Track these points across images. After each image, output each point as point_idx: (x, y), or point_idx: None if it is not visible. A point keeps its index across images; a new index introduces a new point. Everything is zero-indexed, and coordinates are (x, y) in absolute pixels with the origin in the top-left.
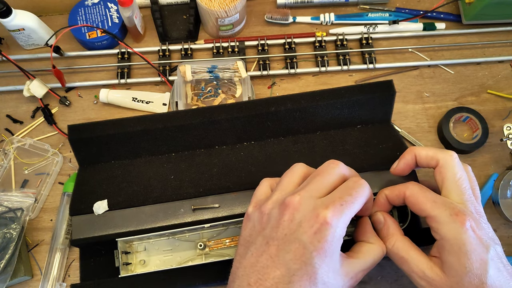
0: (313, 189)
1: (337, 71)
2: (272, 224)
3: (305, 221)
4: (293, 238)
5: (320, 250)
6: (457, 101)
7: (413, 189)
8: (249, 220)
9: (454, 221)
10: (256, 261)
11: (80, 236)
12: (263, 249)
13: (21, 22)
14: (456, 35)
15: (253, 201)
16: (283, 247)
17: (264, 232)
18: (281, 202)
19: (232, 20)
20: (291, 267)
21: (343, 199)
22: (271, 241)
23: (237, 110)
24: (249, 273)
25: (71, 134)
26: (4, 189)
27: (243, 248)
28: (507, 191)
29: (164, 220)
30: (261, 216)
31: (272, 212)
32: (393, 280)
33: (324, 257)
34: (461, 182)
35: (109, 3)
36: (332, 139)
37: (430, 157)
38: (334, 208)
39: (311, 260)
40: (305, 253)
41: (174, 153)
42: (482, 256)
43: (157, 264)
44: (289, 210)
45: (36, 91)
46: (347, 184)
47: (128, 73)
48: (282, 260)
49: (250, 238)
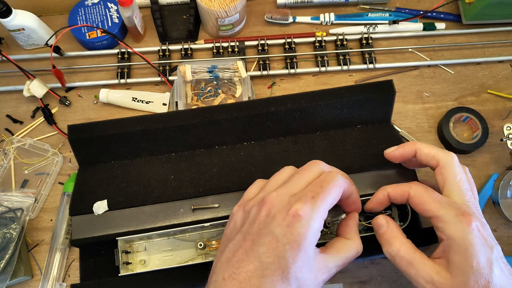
0: (290, 186)
1: (337, 71)
2: (250, 220)
3: (279, 215)
4: (267, 232)
5: (293, 242)
6: (457, 101)
7: (417, 189)
8: (232, 219)
9: (461, 221)
10: (232, 256)
11: (80, 236)
12: (240, 244)
13: (21, 22)
14: (456, 35)
15: (240, 201)
16: (257, 240)
17: (242, 228)
18: (260, 200)
19: (232, 20)
20: (264, 261)
21: (314, 191)
22: (248, 235)
23: (237, 110)
24: (225, 267)
25: (71, 134)
26: (4, 189)
27: (223, 245)
28: (507, 191)
29: (164, 220)
30: (243, 214)
31: (252, 209)
32: (393, 280)
33: (298, 251)
34: (462, 183)
35: (109, 3)
36: (332, 139)
37: (431, 156)
38: (305, 200)
39: (284, 253)
40: (278, 246)
41: (174, 153)
42: (488, 256)
43: (157, 264)
44: (266, 206)
45: (36, 91)
46: (319, 178)
47: (128, 73)
48: (255, 253)
49: (230, 235)
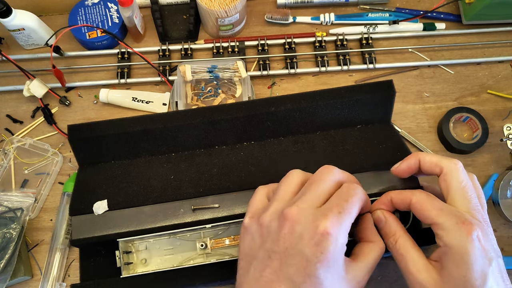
0: (310, 199)
1: (337, 71)
2: (273, 237)
3: (306, 233)
4: (295, 252)
5: (323, 261)
6: (457, 101)
7: (419, 196)
8: (247, 233)
9: (460, 230)
10: (260, 276)
11: (80, 236)
12: (266, 263)
13: (21, 22)
14: (456, 35)
15: (249, 211)
16: (285, 260)
17: (265, 246)
18: (279, 213)
19: (232, 20)
20: (296, 281)
21: (340, 206)
22: (273, 254)
23: (237, 110)
24: (254, 287)
25: (71, 134)
26: (4, 189)
27: (245, 262)
28: (507, 191)
29: (164, 220)
30: (260, 228)
31: (271, 224)
32: (393, 280)
33: (328, 267)
34: (466, 190)
35: (109, 3)
36: (332, 139)
37: (434, 164)
38: (332, 217)
39: (315, 271)
40: (308, 265)
41: (174, 153)
42: (484, 268)
43: (158, 263)
44: (288, 222)
45: (36, 91)
46: (341, 190)
47: (128, 73)
48: (285, 274)
49: (251, 252)
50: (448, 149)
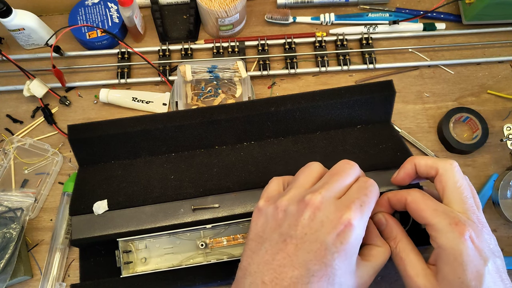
0: (333, 189)
1: (337, 71)
2: (290, 222)
3: (328, 222)
4: (314, 238)
5: (342, 251)
6: (457, 101)
7: (414, 195)
8: (261, 215)
9: (453, 231)
10: (271, 259)
11: (80, 236)
12: (279, 246)
13: (21, 22)
14: (456, 35)
15: (264, 195)
16: (302, 246)
17: (281, 229)
18: (299, 199)
19: (232, 20)
20: (311, 268)
21: (361, 199)
22: (289, 239)
23: (237, 110)
24: (263, 270)
25: (71, 134)
26: (4, 189)
27: (255, 243)
28: (507, 191)
29: (164, 220)
30: (275, 211)
31: (289, 208)
32: (393, 281)
33: (345, 259)
34: (462, 190)
35: (109, 3)
36: (332, 139)
37: (429, 166)
38: (356, 209)
39: (332, 261)
40: (326, 254)
41: (174, 153)
42: (479, 269)
43: (158, 262)
44: (310, 209)
45: (36, 91)
46: (360, 184)
47: (128, 73)
48: (301, 259)
49: (263, 234)
50: (448, 149)
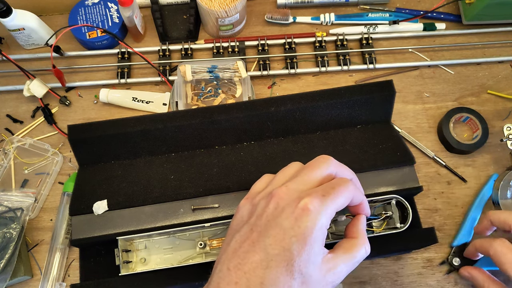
0: (300, 181)
1: (337, 71)
2: (258, 213)
3: (288, 207)
4: (275, 224)
5: (299, 235)
6: (457, 101)
7: (496, 249)
8: (238, 212)
9: None
10: (238, 247)
11: (80, 236)
12: (246, 235)
13: (21, 22)
14: (456, 36)
15: (247, 194)
16: (264, 232)
17: (250, 221)
18: (269, 193)
19: (232, 20)
20: (270, 252)
21: (325, 190)
22: (255, 227)
23: (237, 110)
24: (230, 258)
25: (71, 134)
26: (4, 189)
27: (230, 237)
28: (507, 191)
29: (164, 220)
30: (250, 207)
31: (260, 202)
32: (393, 280)
33: (304, 244)
34: None
35: (109, 3)
36: (332, 139)
37: (502, 222)
38: (315, 197)
39: (290, 245)
40: (284, 238)
41: (174, 153)
42: None
43: (157, 262)
44: (274, 199)
45: (36, 90)
46: (332, 181)
47: (128, 73)
48: (262, 244)
49: (237, 227)
50: (448, 149)
